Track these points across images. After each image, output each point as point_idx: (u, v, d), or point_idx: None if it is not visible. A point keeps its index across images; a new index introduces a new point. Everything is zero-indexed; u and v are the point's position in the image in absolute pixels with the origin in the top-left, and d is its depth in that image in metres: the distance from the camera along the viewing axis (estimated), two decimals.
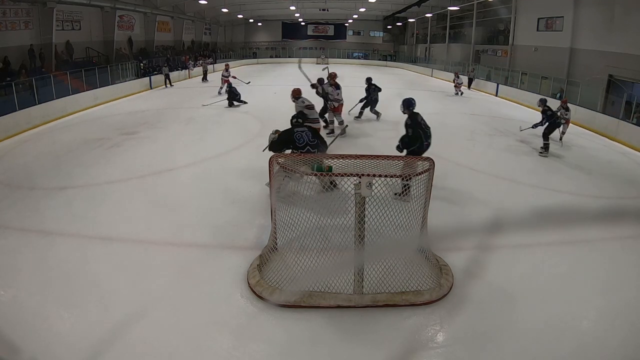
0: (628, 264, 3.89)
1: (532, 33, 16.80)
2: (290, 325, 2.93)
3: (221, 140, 7.98)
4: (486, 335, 2.89)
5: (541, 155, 7.59)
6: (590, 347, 2.82)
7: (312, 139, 4.96)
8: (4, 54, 12.18)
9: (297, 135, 4.95)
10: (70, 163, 6.59)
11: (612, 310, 3.21)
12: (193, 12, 25.72)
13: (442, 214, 4.54)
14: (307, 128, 5.09)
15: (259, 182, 5.37)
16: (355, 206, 3.08)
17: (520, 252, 3.96)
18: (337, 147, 6.44)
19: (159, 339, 2.77)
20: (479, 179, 6.18)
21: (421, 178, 3.35)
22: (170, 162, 6.57)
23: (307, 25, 36.42)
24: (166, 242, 4.07)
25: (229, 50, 31.96)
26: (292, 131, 5.05)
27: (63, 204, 4.98)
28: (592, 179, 6.52)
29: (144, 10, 19.93)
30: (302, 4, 26.61)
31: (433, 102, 14.00)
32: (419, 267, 3.41)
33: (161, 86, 16.66)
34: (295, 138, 4.93)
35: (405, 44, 35.01)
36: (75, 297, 3.19)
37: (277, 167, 3.43)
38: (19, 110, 8.99)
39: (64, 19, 15.20)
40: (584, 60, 13.83)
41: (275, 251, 3.61)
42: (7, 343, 2.30)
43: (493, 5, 19.77)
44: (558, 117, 7.83)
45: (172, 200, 5.08)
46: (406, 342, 2.83)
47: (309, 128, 5.12)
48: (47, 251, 3.88)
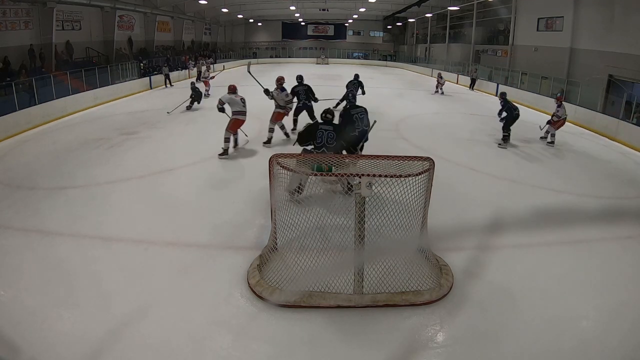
0: (628, 264, 3.89)
1: (532, 33, 16.80)
2: (290, 325, 2.93)
3: (221, 140, 7.97)
4: (486, 335, 2.89)
5: (500, 147, 7.99)
6: (590, 347, 2.82)
7: (331, 140, 4.84)
8: (4, 54, 12.18)
9: (320, 132, 4.87)
10: (70, 163, 6.59)
11: (611, 310, 3.21)
12: (193, 12, 25.72)
13: (442, 214, 4.54)
14: (332, 128, 4.94)
15: (259, 182, 5.36)
16: (355, 206, 3.08)
17: (520, 252, 3.96)
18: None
19: (159, 339, 2.77)
20: (479, 179, 6.19)
21: (421, 178, 3.35)
22: (170, 162, 6.57)
23: (307, 25, 36.43)
24: (166, 242, 4.07)
25: (229, 51, 31.97)
26: (318, 126, 4.96)
27: (63, 204, 4.98)
28: (592, 179, 6.52)
29: (144, 10, 19.93)
30: (302, 4, 26.62)
31: (433, 102, 14.01)
32: (419, 267, 3.41)
33: (161, 86, 16.66)
34: (317, 134, 4.85)
35: (405, 44, 35.01)
36: (75, 297, 3.19)
37: (278, 168, 3.43)
38: (19, 110, 8.99)
39: (64, 19, 15.20)
40: (584, 60, 13.83)
41: (275, 251, 3.61)
42: (7, 343, 2.30)
43: (493, 5, 19.77)
44: (516, 109, 8.13)
45: (172, 200, 5.08)
46: (406, 342, 2.83)
47: (335, 129, 4.95)
48: (47, 251, 3.88)
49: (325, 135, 4.84)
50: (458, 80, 20.38)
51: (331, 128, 4.92)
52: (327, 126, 4.94)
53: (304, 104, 8.01)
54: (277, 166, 3.34)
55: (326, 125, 4.95)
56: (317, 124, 5.07)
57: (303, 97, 7.98)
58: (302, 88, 8.03)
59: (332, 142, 4.85)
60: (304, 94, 7.99)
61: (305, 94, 7.99)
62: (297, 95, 7.92)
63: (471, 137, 8.90)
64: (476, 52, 22.14)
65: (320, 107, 6.09)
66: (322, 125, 4.96)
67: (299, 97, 7.96)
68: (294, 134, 7.86)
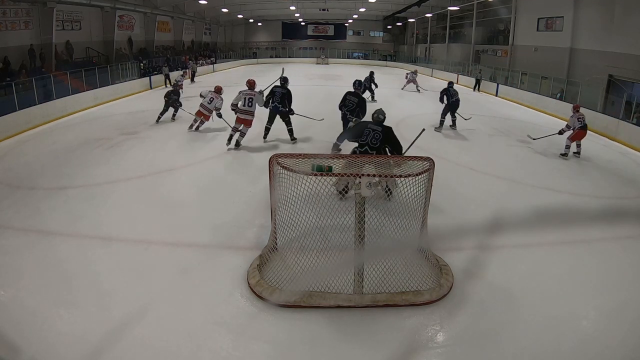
0: (628, 264, 3.90)
1: (532, 33, 16.81)
2: (290, 325, 2.93)
3: (221, 140, 7.97)
4: (486, 335, 2.89)
5: (436, 130, 8.94)
6: (590, 347, 2.82)
7: (376, 141, 4.65)
8: (4, 54, 12.18)
9: (367, 130, 4.70)
10: (70, 163, 6.59)
11: (612, 310, 3.22)
12: (193, 12, 25.72)
13: (442, 214, 4.54)
14: (382, 129, 4.73)
15: (259, 182, 5.36)
16: (355, 206, 3.08)
17: (520, 252, 3.96)
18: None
19: (159, 339, 2.77)
20: (479, 179, 6.19)
21: (421, 178, 3.35)
22: (170, 162, 6.57)
23: (307, 25, 36.43)
24: (166, 242, 4.07)
25: (229, 50, 31.98)
26: (366, 125, 4.80)
27: (63, 204, 4.98)
28: (592, 179, 6.52)
29: (144, 10, 19.93)
30: (302, 4, 26.61)
31: (433, 102, 13.99)
32: (419, 267, 3.41)
33: (161, 86, 16.66)
34: (364, 132, 4.70)
35: (405, 44, 35.03)
36: (75, 297, 3.19)
37: (278, 167, 3.42)
38: (19, 110, 8.98)
39: (64, 19, 15.20)
40: (584, 60, 13.84)
41: (275, 251, 3.61)
42: (7, 343, 2.30)
43: (493, 5, 19.78)
44: (454, 96, 8.72)
45: (172, 200, 5.08)
46: (406, 342, 2.83)
47: (384, 130, 4.73)
48: (47, 251, 3.88)
49: (371, 135, 4.68)
50: (458, 80, 20.37)
51: (379, 129, 4.73)
52: (375, 126, 4.76)
53: (275, 107, 7.30)
54: (277, 166, 3.34)
55: (375, 126, 4.77)
56: (365, 123, 4.90)
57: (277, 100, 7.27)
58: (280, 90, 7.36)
59: (375, 143, 4.66)
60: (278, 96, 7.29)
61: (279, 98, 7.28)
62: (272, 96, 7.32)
63: (471, 137, 8.90)
64: (476, 52, 22.15)
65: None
66: (371, 124, 4.80)
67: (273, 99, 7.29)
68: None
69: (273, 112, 7.36)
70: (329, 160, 3.39)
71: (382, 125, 4.79)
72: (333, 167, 3.29)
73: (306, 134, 8.16)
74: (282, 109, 7.28)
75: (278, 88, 7.38)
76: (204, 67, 22.87)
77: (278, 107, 7.27)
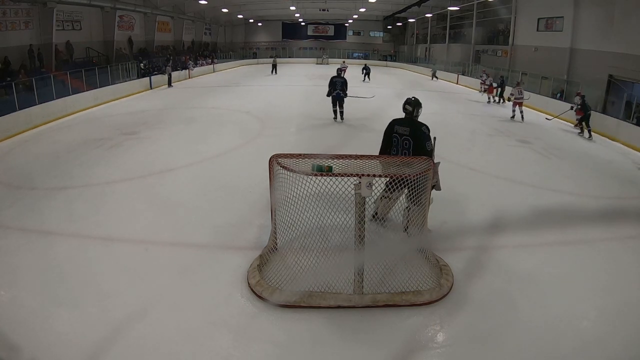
0: (628, 264, 3.89)
1: (532, 33, 16.80)
2: (290, 325, 2.93)
3: (221, 140, 7.98)
4: (486, 336, 2.89)
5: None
6: (590, 347, 2.82)
7: (405, 150, 3.84)
8: (4, 54, 12.17)
9: (395, 138, 3.90)
10: (70, 163, 6.59)
11: (612, 310, 3.21)
12: (193, 12, 25.72)
13: (442, 214, 4.54)
14: (410, 130, 3.86)
15: (259, 182, 5.36)
16: (355, 206, 3.08)
17: (520, 252, 3.95)
18: (340, 146, 6.43)
19: (159, 339, 2.77)
20: (479, 179, 6.18)
21: (421, 178, 3.34)
22: (170, 162, 6.57)
23: (307, 26, 36.45)
24: (166, 242, 4.07)
25: (229, 51, 31.97)
26: (392, 127, 3.95)
27: (63, 204, 4.98)
28: (592, 179, 6.52)
29: (144, 11, 19.93)
30: (302, 4, 26.63)
31: (433, 102, 14.00)
32: (419, 267, 3.41)
33: (162, 86, 16.67)
34: (393, 141, 3.90)
35: (405, 44, 35.03)
36: (75, 297, 3.19)
37: (278, 167, 3.42)
38: (19, 110, 8.99)
39: (64, 19, 15.19)
40: (584, 60, 13.83)
41: (275, 251, 3.61)
42: (7, 343, 2.30)
43: (493, 5, 19.78)
44: None
45: (172, 201, 5.08)
46: (406, 342, 2.83)
47: (413, 134, 3.84)
48: (47, 251, 3.88)
49: (400, 143, 3.81)
50: (458, 81, 20.38)
51: (407, 132, 3.82)
52: (403, 128, 3.86)
53: (338, 93, 9.21)
54: (277, 166, 3.34)
55: (402, 127, 3.87)
56: (392, 123, 3.94)
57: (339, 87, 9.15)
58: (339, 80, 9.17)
59: (406, 152, 3.83)
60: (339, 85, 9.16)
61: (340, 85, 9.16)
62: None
63: (471, 137, 8.91)
64: (476, 52, 22.15)
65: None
66: (398, 124, 3.89)
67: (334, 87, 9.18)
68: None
69: (335, 97, 9.29)
70: (329, 160, 3.39)
71: (410, 124, 3.89)
72: (333, 167, 3.29)
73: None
74: (342, 95, 9.18)
75: (337, 78, 9.15)
76: (203, 67, 22.89)
77: (340, 93, 9.17)
